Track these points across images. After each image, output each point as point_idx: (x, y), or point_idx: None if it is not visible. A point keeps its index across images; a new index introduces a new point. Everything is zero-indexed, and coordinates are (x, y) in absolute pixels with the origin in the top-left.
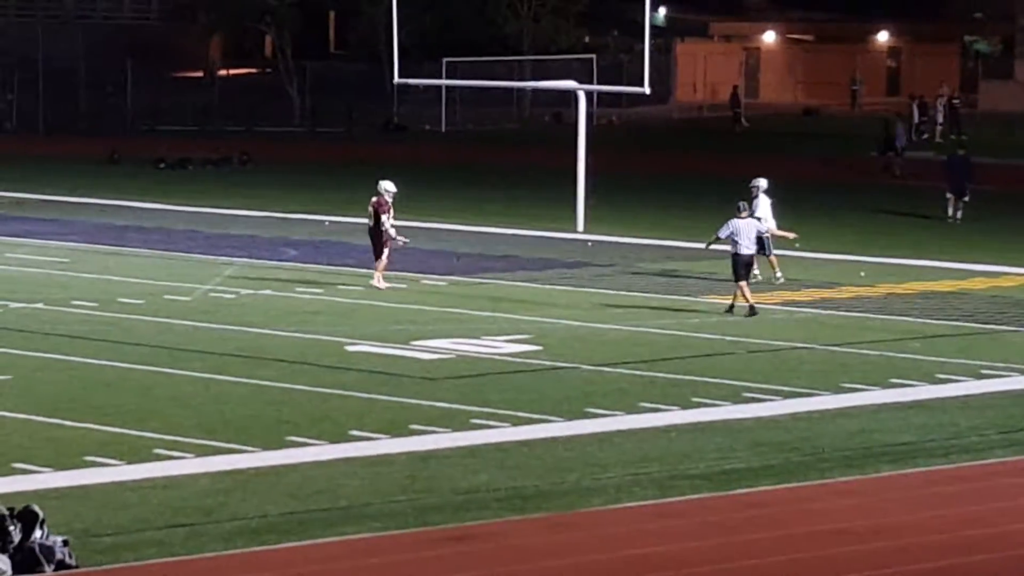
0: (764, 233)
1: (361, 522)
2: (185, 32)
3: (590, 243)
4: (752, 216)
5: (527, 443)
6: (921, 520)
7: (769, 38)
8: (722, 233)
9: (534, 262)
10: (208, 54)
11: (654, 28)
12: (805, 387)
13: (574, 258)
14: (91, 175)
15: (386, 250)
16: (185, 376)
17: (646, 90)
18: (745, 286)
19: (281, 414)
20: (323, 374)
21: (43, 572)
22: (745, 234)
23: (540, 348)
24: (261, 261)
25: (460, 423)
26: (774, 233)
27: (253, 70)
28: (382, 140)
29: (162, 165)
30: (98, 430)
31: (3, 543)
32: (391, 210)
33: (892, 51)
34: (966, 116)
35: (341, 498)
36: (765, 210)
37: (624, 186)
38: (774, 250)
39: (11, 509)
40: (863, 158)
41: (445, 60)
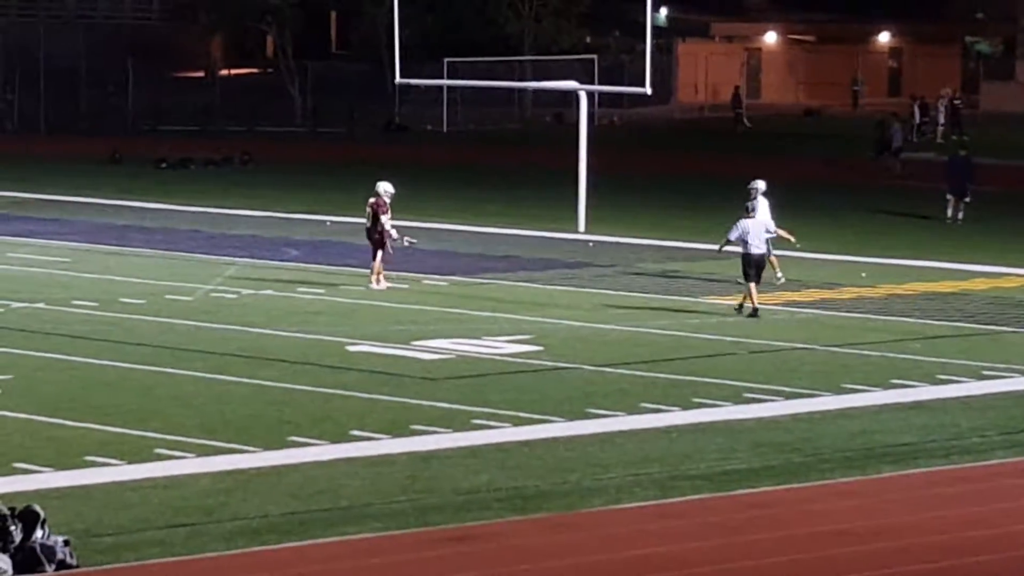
0: (774, 234)
1: (362, 522)
2: (186, 32)
3: (591, 243)
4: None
5: (528, 443)
6: (922, 521)
7: (770, 38)
8: (732, 235)
9: (535, 262)
10: (209, 54)
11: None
12: (806, 388)
13: (575, 258)
14: (92, 175)
15: (380, 252)
16: (186, 376)
17: (647, 90)
18: (754, 287)
19: (282, 414)
20: (324, 374)
21: (44, 572)
22: (755, 234)
23: (541, 348)
24: (263, 261)
25: (461, 423)
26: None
27: (254, 70)
28: (383, 140)
29: (163, 165)
30: (99, 430)
31: (4, 543)
32: (389, 211)
33: (893, 52)
34: (967, 117)
35: (342, 498)
36: (764, 212)
37: (625, 187)
38: (774, 251)
39: (12, 509)
40: (864, 159)
41: (447, 60)
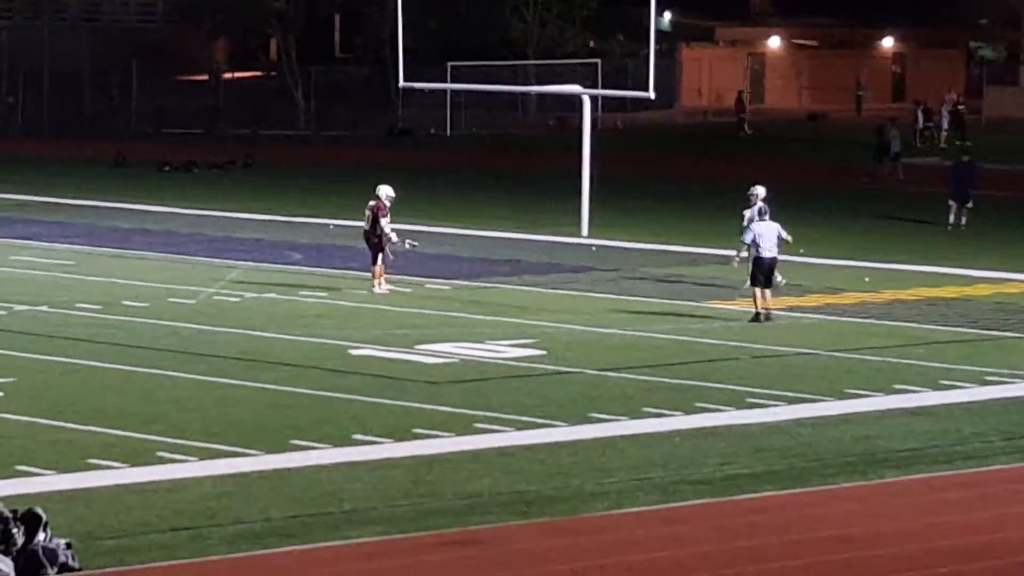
0: (787, 237)
1: (364, 526)
2: (190, 35)
3: (594, 248)
4: (748, 226)
5: (531, 448)
6: (925, 526)
7: (774, 43)
8: (747, 238)
9: (538, 267)
10: (213, 57)
11: (659, 33)
12: (809, 393)
13: (578, 263)
14: (96, 178)
15: (380, 255)
16: (189, 379)
17: (651, 95)
18: (759, 292)
19: (285, 418)
20: (327, 378)
21: (46, 575)
22: (767, 237)
23: (544, 353)
24: (266, 264)
25: (464, 427)
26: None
27: (258, 74)
28: (387, 144)
29: (167, 168)
30: (102, 433)
31: (6, 546)
32: (389, 215)
33: (897, 57)
34: (971, 122)
35: (344, 502)
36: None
37: (628, 191)
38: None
39: (14, 512)
40: (868, 164)
41: (450, 64)
